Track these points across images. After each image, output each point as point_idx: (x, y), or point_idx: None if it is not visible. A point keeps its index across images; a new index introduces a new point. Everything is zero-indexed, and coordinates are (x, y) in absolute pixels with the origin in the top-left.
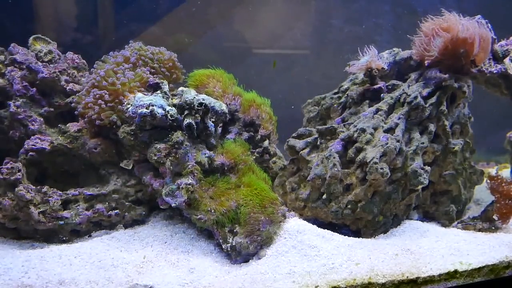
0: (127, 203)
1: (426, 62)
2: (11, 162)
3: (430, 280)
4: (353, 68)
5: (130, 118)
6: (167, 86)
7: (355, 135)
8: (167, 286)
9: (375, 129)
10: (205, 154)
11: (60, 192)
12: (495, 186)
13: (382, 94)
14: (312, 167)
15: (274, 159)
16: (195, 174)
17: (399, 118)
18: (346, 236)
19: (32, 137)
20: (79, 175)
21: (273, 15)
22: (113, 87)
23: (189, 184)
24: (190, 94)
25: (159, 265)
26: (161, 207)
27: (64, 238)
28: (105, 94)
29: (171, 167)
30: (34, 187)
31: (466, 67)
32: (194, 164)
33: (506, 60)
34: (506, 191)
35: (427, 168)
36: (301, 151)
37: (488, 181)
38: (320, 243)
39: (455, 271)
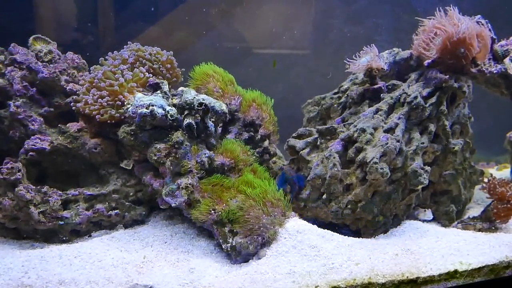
0: (127, 203)
1: (425, 62)
2: (11, 162)
3: (430, 280)
4: (353, 67)
5: (130, 118)
6: (167, 86)
7: (355, 135)
8: (167, 286)
9: (375, 129)
10: (205, 154)
11: (60, 192)
12: (491, 189)
13: (382, 94)
14: (312, 167)
15: (274, 159)
16: (195, 174)
17: (399, 118)
18: (346, 236)
19: (32, 137)
20: (79, 175)
21: (273, 15)
22: (111, 88)
23: (189, 184)
24: (190, 94)
25: (159, 265)
26: (161, 207)
27: (64, 238)
28: (105, 94)
29: (171, 167)
30: (34, 187)
31: (466, 67)
32: (194, 164)
33: (506, 60)
34: (500, 194)
35: (427, 168)
36: (301, 151)
37: (484, 185)
38: (320, 243)
39: (455, 271)
